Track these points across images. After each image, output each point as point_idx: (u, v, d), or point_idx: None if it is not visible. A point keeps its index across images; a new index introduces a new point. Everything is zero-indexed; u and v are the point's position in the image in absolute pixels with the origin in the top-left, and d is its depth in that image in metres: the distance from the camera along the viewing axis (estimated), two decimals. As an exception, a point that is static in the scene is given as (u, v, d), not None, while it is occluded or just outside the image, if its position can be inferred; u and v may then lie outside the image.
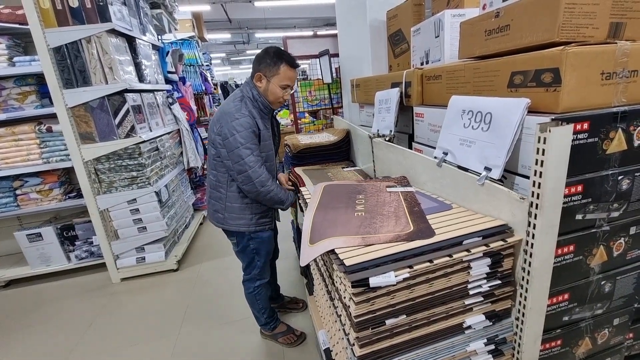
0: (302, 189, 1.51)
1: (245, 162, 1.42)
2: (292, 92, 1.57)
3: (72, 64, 2.17)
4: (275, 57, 1.43)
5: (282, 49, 1.48)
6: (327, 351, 1.13)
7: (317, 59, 2.71)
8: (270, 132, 1.60)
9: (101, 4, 2.13)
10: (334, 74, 2.59)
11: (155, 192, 2.52)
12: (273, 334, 1.83)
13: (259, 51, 1.53)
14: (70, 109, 2.24)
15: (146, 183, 2.48)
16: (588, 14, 0.70)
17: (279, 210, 1.74)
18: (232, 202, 1.55)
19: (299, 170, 1.78)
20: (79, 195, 2.57)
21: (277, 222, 1.80)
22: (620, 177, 0.78)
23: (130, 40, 2.52)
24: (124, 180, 2.45)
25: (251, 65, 1.56)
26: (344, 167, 1.78)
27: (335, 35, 2.63)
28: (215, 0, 7.56)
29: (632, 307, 0.96)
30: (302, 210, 1.60)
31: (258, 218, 1.59)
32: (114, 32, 2.24)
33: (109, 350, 1.92)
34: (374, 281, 0.68)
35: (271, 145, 1.59)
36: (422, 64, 1.36)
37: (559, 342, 0.90)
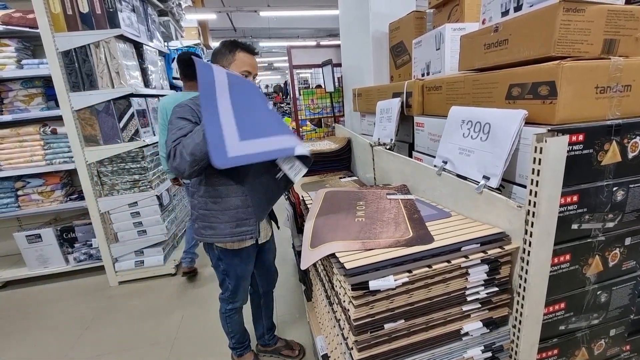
0: (304, 196, 1.52)
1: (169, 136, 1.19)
2: (256, 81, 1.41)
3: (80, 68, 2.21)
4: (230, 46, 1.34)
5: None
6: (325, 357, 1.12)
7: (320, 68, 2.76)
8: None
9: (111, 10, 2.18)
10: (336, 83, 2.63)
11: (156, 195, 2.54)
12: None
13: (262, 59, 1.50)
14: (75, 111, 2.27)
15: (148, 186, 2.50)
16: (583, 30, 0.73)
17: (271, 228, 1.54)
18: (202, 208, 1.33)
19: (298, 190, 1.66)
20: (80, 197, 2.58)
21: (270, 241, 1.56)
22: (614, 188, 0.80)
23: (138, 46, 2.57)
24: (126, 183, 2.46)
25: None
26: (341, 178, 1.80)
27: (337, 46, 2.68)
28: (221, 10, 7.69)
29: (628, 319, 0.97)
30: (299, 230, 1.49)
31: (234, 227, 1.32)
32: (122, 37, 2.29)
33: (104, 353, 1.90)
34: (373, 284, 0.69)
35: None
36: (423, 75, 1.39)
37: (555, 351, 0.90)
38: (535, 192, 0.69)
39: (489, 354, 0.83)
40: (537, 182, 0.68)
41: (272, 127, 1.14)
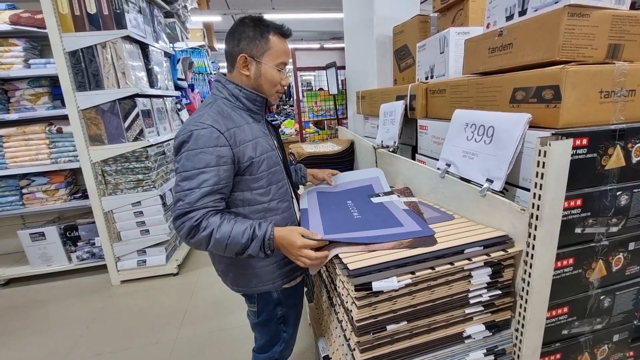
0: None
1: (181, 189, 0.91)
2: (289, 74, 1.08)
3: (87, 68, 2.23)
4: (260, 27, 0.97)
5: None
6: (327, 358, 1.12)
7: (324, 71, 2.77)
8: (271, 138, 1.09)
9: (118, 11, 2.20)
10: (340, 86, 2.64)
11: (159, 195, 2.55)
12: None
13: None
14: (81, 111, 2.29)
15: (151, 186, 2.51)
16: (587, 35, 0.74)
17: None
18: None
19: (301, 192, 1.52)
20: (84, 196, 2.60)
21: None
22: (618, 193, 0.80)
23: (144, 47, 2.60)
24: (129, 182, 2.48)
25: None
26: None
27: (341, 49, 2.69)
28: (226, 12, 7.75)
29: (631, 324, 0.97)
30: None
31: (283, 265, 1.08)
32: (128, 38, 2.31)
33: (105, 352, 1.91)
34: (376, 285, 0.69)
35: (276, 159, 1.06)
36: (427, 78, 1.40)
37: (558, 355, 0.90)
38: (539, 196, 0.69)
39: (491, 357, 0.83)
40: (540, 185, 0.69)
41: (362, 224, 0.97)
